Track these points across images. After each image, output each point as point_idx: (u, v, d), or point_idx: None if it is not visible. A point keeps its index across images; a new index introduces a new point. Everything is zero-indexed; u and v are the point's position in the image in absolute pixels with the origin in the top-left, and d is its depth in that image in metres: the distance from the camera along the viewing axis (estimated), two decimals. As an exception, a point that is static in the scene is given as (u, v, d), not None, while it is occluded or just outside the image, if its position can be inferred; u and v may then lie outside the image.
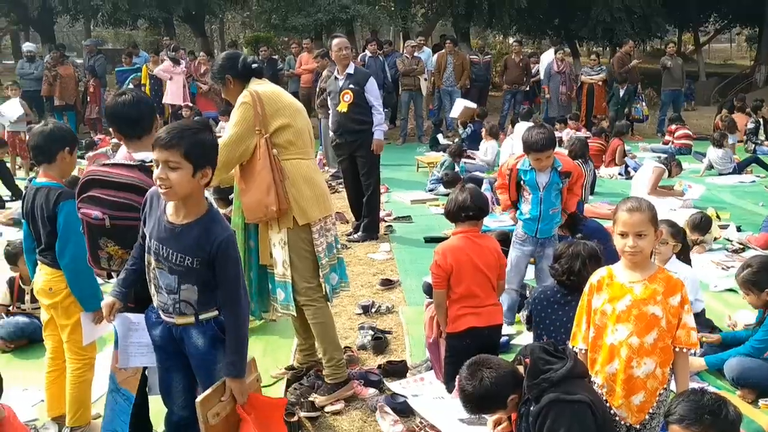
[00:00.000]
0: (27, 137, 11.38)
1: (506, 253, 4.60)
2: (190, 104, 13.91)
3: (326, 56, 11.26)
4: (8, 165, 10.82)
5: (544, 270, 4.99)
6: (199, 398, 2.75)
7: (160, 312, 2.84)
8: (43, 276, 3.57)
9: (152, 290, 2.83)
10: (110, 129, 3.43)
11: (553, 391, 2.71)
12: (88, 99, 15.30)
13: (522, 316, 3.93)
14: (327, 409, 3.96)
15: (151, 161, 3.05)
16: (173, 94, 14.08)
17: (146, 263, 2.81)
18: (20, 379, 4.49)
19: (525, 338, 4.72)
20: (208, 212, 2.73)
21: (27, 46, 16.34)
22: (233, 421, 2.84)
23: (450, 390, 3.93)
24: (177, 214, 2.71)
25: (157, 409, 3.30)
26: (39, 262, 3.61)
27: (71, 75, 14.89)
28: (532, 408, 2.77)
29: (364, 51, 13.63)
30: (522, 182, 4.84)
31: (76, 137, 3.72)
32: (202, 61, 14.91)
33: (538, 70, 15.83)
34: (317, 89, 10.81)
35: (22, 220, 3.70)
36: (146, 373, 3.48)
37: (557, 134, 12.17)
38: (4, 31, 25.45)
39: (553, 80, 14.78)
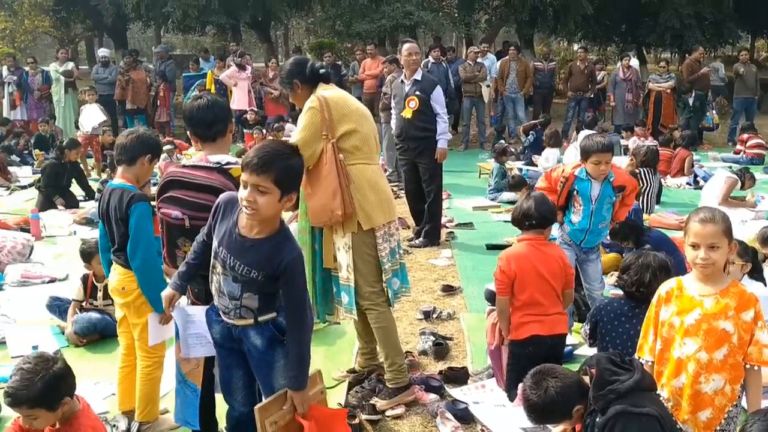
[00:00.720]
0: (102, 139, 11.82)
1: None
2: (255, 108, 14.16)
3: (394, 62, 11.33)
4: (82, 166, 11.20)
5: (589, 274, 4.94)
6: (258, 406, 2.80)
7: (221, 313, 2.90)
8: (117, 276, 3.69)
9: (214, 292, 2.89)
10: (187, 132, 3.50)
11: (620, 403, 2.66)
12: (158, 103, 15.73)
13: (583, 331, 3.87)
14: (388, 413, 3.99)
15: (227, 163, 3.13)
16: (239, 100, 14.36)
17: (212, 266, 2.86)
18: (92, 372, 4.66)
19: (589, 349, 4.65)
20: (280, 230, 2.74)
21: (102, 52, 16.90)
22: (293, 429, 2.88)
23: (512, 398, 3.90)
24: (250, 229, 2.72)
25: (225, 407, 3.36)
26: (113, 261, 3.72)
27: (143, 80, 15.35)
28: (597, 419, 2.73)
29: (427, 57, 13.65)
30: (575, 192, 4.79)
31: (160, 149, 3.84)
32: (272, 67, 15.15)
33: (603, 77, 15.58)
34: (381, 93, 10.89)
35: (98, 220, 3.84)
36: (213, 371, 3.57)
37: (623, 142, 11.97)
38: (80, 37, 26.38)
39: (618, 87, 14.52)
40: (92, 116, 12.05)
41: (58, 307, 5.45)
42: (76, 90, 15.37)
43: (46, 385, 2.73)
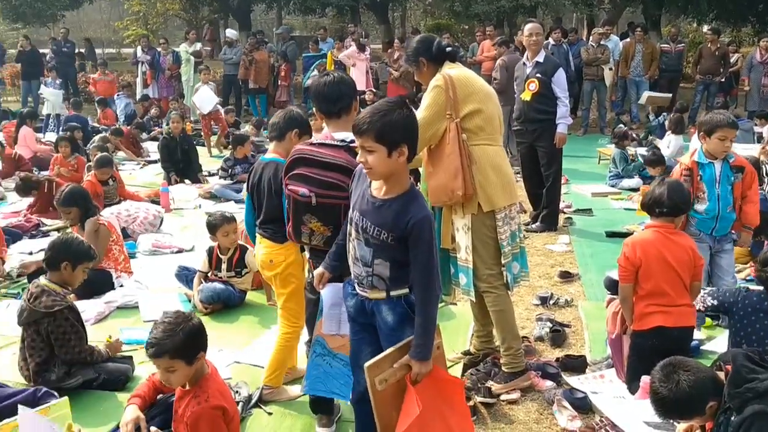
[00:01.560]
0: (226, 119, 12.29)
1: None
2: (374, 89, 14.27)
3: (504, 44, 11.14)
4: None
5: (722, 267, 4.66)
6: (368, 363, 2.82)
7: (356, 284, 2.96)
8: (264, 249, 3.84)
9: (350, 261, 2.96)
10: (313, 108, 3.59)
11: (758, 403, 2.52)
12: (279, 83, 16.14)
13: (702, 299, 3.67)
14: (503, 397, 3.95)
15: (351, 141, 3.17)
16: (357, 80, 14.32)
17: (348, 234, 2.95)
18: (215, 340, 4.81)
19: (718, 344, 4.43)
20: (409, 191, 2.79)
21: (228, 33, 17.50)
22: (395, 390, 2.85)
23: (632, 390, 3.78)
24: (379, 190, 2.81)
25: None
26: (259, 235, 3.87)
27: (265, 60, 15.79)
28: (733, 418, 2.59)
29: (547, 39, 13.31)
30: (699, 179, 4.54)
31: (309, 126, 3.95)
32: (396, 47, 15.21)
33: (737, 60, 14.68)
34: (491, 76, 10.72)
35: (245, 194, 4.03)
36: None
37: (757, 129, 11.25)
38: (206, 19, 27.40)
39: (755, 71, 13.62)
40: (207, 98, 12.51)
41: (185, 276, 5.72)
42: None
43: (187, 336, 2.90)
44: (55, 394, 3.68)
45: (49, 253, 4.24)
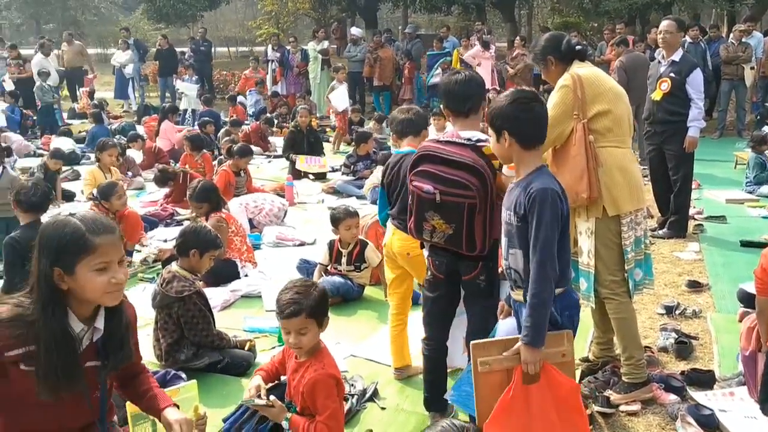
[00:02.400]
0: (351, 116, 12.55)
1: None
2: (497, 87, 14.15)
3: (622, 43, 10.76)
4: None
5: None
6: (475, 341, 2.79)
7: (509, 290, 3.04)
8: (399, 241, 3.94)
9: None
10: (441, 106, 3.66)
11: None
12: (402, 81, 16.29)
13: None
14: (622, 408, 3.82)
15: (478, 140, 3.16)
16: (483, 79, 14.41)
17: None
18: (333, 333, 4.95)
19: None
20: (536, 170, 2.84)
21: (354, 31, 17.86)
22: (504, 379, 2.81)
23: (766, 411, 3.56)
24: (516, 177, 2.93)
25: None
26: (395, 227, 3.97)
27: (390, 58, 15.97)
28: None
29: (684, 36, 12.70)
30: None
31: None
32: (517, 45, 15.03)
33: None
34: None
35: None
36: (447, 343, 3.66)
37: None
38: (334, 18, 28.04)
39: None
40: (342, 98, 12.78)
41: (306, 269, 5.89)
42: (330, 67, 16.39)
43: (320, 296, 3.02)
44: (184, 376, 3.89)
45: (179, 241, 4.49)
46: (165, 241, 7.03)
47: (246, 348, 4.55)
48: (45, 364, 2.18)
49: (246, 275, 6.01)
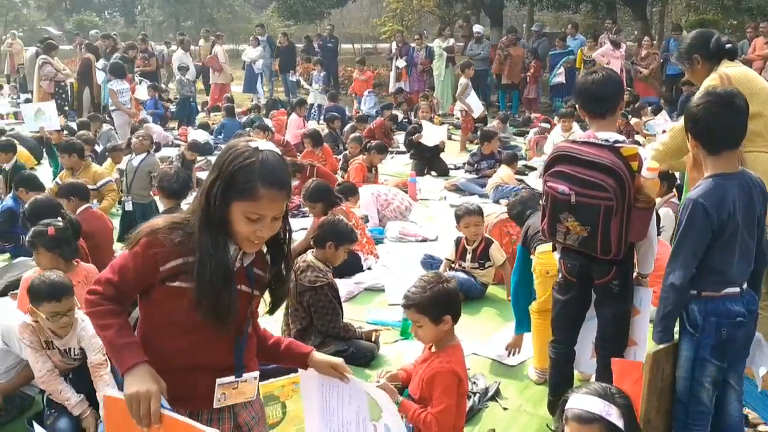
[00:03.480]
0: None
1: None
2: (629, 88, 13.69)
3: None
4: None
5: None
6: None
7: None
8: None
9: None
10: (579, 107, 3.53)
11: None
12: (528, 79, 16.05)
13: None
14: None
15: (616, 141, 3.08)
16: (612, 80, 13.98)
17: None
18: (455, 330, 4.97)
19: None
20: (709, 176, 2.90)
21: (477, 28, 17.74)
22: None
23: None
24: None
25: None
26: None
27: (520, 56, 15.77)
28: None
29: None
30: None
31: None
32: (645, 45, 14.49)
33: None
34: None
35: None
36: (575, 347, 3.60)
37: None
38: (459, 15, 27.93)
39: None
40: (477, 101, 12.74)
41: (430, 264, 5.93)
42: (454, 65, 16.38)
43: (435, 295, 3.02)
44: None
45: (317, 232, 4.63)
46: (294, 231, 7.25)
47: (372, 339, 4.63)
48: (204, 275, 2.05)
49: (369, 268, 6.12)
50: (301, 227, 6.94)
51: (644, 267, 3.36)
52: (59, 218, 4.47)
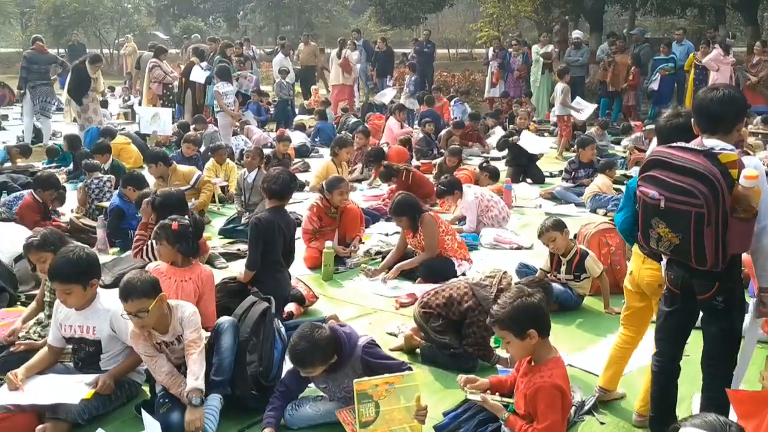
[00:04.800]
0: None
1: None
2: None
3: None
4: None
5: None
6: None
7: None
8: (650, 271, 3.60)
9: None
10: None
11: None
12: (628, 86, 15.63)
13: None
14: None
15: (711, 148, 2.97)
16: (723, 87, 13.48)
17: None
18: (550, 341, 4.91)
19: None
20: None
21: (576, 34, 17.41)
22: None
23: None
24: None
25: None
26: (643, 255, 3.61)
27: (626, 64, 15.33)
28: None
29: None
30: None
31: None
32: (757, 51, 13.87)
33: None
34: None
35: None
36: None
37: None
38: (557, 21, 27.50)
39: None
40: (584, 103, 12.53)
41: (525, 272, 5.84)
42: (551, 71, 16.14)
43: (516, 310, 3.05)
44: (411, 367, 4.03)
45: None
46: (386, 235, 7.33)
47: None
48: None
49: (463, 274, 6.10)
50: (395, 231, 7.02)
51: (763, 280, 3.21)
52: (186, 216, 4.76)
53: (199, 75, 12.85)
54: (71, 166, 10.22)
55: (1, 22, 39.13)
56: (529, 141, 10.38)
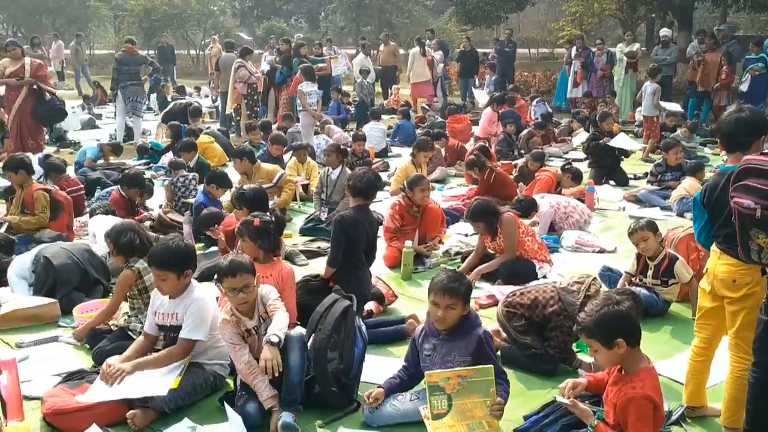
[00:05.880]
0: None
1: None
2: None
3: None
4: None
5: None
6: None
7: None
8: (725, 266, 3.47)
9: None
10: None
11: None
12: (720, 86, 15.00)
13: None
14: None
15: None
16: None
17: None
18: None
19: None
20: None
21: (664, 32, 16.87)
22: None
23: None
24: None
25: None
26: (719, 250, 3.52)
27: (716, 63, 14.71)
28: None
29: None
30: None
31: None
32: None
33: None
34: None
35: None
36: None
37: None
38: (642, 18, 26.78)
39: None
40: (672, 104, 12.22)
41: (609, 277, 5.73)
42: (635, 71, 15.71)
43: (603, 319, 3.00)
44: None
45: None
46: (466, 235, 7.29)
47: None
48: None
49: (544, 276, 6.01)
50: (473, 231, 6.96)
51: None
52: (268, 213, 4.90)
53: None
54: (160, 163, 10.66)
55: (96, 26, 40.89)
56: (621, 142, 10.16)
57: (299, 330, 4.03)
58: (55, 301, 5.36)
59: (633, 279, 5.45)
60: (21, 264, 5.79)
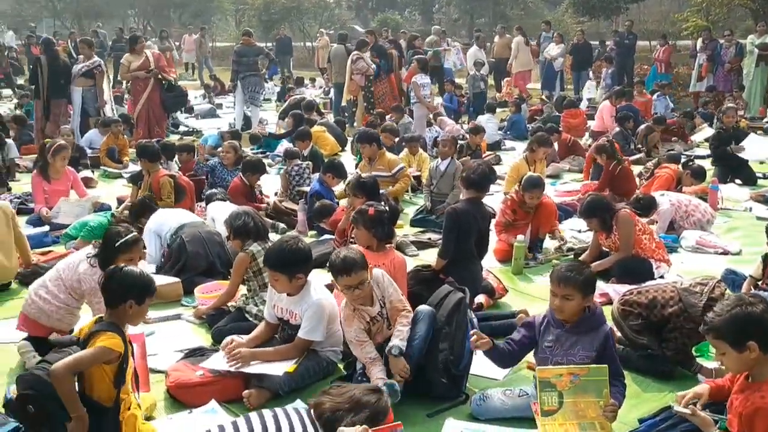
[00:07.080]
0: None
1: None
2: None
3: None
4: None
5: None
6: None
7: None
8: None
9: None
10: None
11: None
12: None
13: None
14: None
15: None
16: None
17: None
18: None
19: None
20: None
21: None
22: None
23: None
24: None
25: None
26: None
27: None
28: None
29: None
30: None
31: None
32: None
33: None
34: None
35: None
36: None
37: None
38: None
39: None
40: None
41: (732, 281, 5.44)
42: (767, 64, 14.83)
43: (734, 319, 2.83)
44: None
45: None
46: (579, 231, 7.13)
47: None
48: None
49: (662, 276, 5.79)
50: (586, 228, 6.79)
51: None
52: (382, 202, 5.00)
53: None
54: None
55: (219, 19, 42.51)
56: (753, 146, 9.60)
57: (428, 307, 4.08)
58: (178, 281, 5.64)
59: (759, 283, 5.17)
60: (159, 224, 6.18)
